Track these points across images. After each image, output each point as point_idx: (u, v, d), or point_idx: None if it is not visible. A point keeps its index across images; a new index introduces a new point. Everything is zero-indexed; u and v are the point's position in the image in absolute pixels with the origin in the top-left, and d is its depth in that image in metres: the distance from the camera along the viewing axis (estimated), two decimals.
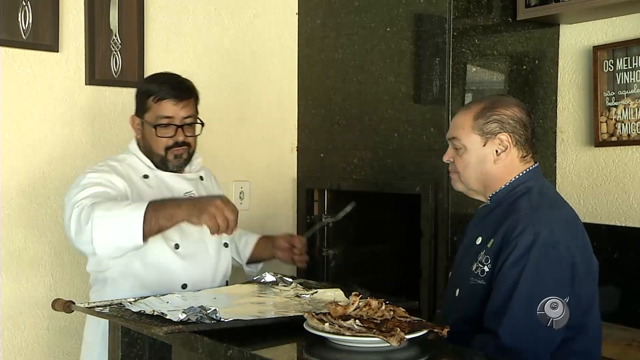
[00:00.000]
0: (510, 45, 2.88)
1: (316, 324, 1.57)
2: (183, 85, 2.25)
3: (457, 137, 1.94)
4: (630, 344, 2.46)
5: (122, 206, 1.98)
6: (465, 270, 1.91)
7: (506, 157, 1.91)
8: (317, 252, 3.27)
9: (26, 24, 2.60)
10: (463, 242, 2.06)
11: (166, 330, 1.62)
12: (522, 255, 1.75)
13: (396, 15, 2.91)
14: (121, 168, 2.23)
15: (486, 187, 1.95)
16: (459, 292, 1.92)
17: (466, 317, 1.86)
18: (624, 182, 2.78)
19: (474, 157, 1.92)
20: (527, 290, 1.74)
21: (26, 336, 2.68)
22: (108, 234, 1.95)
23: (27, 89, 2.66)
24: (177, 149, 2.23)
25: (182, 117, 2.22)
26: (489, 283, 1.81)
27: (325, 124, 3.23)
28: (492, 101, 1.96)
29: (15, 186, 2.64)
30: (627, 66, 2.73)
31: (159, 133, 2.20)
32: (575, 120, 2.94)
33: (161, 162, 2.25)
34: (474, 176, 1.94)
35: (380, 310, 1.63)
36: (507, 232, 1.80)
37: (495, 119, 1.91)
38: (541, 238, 1.76)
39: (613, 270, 2.75)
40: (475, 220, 2.04)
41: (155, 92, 2.21)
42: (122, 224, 1.94)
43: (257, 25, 3.21)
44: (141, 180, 2.23)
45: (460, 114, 1.97)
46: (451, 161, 1.98)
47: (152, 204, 1.96)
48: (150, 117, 2.22)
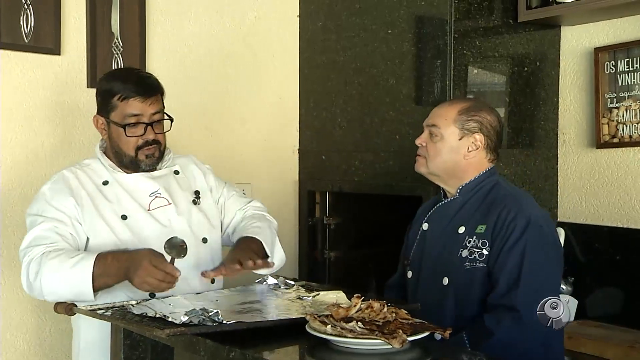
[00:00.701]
0: (512, 47, 2.88)
1: (318, 326, 1.56)
2: (149, 81, 2.17)
3: (436, 125, 2.12)
4: (632, 345, 2.45)
5: (69, 265, 1.94)
6: (451, 259, 2.05)
7: (475, 155, 2.11)
8: (318, 255, 3.27)
9: (28, 27, 2.60)
10: (429, 234, 2.16)
11: (168, 333, 1.62)
12: (520, 236, 1.97)
13: (397, 17, 2.91)
14: (75, 181, 2.15)
15: (451, 177, 2.13)
16: (450, 280, 2.05)
17: (469, 299, 2.01)
18: (625, 184, 2.78)
19: (446, 147, 2.10)
20: (533, 265, 1.95)
21: (28, 339, 2.69)
22: (58, 294, 1.97)
23: (28, 92, 2.66)
24: (147, 148, 2.15)
25: (151, 114, 2.13)
26: (488, 264, 2.00)
27: (327, 126, 3.23)
28: (477, 103, 2.16)
29: (17, 189, 2.64)
30: (628, 68, 2.73)
31: (128, 133, 2.12)
32: (577, 122, 2.94)
33: (131, 163, 2.17)
34: (441, 164, 2.12)
35: (382, 313, 1.63)
36: (500, 218, 2.01)
37: (477, 119, 2.10)
38: (533, 220, 1.99)
39: (615, 272, 2.75)
40: (439, 213, 2.17)
41: (119, 91, 2.12)
42: (71, 287, 1.94)
43: (258, 28, 3.22)
44: (98, 190, 2.15)
45: (446, 106, 2.17)
46: (423, 145, 2.14)
47: (98, 263, 1.93)
48: (116, 116, 2.13)
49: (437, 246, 2.13)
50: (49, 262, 1.97)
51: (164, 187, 2.22)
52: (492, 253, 2.00)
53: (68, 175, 2.17)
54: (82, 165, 2.22)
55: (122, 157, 2.17)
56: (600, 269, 2.80)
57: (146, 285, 1.90)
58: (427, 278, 2.13)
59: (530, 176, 2.91)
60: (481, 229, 2.03)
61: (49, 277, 1.96)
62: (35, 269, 1.98)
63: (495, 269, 1.98)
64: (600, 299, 2.78)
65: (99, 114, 2.19)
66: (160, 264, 1.89)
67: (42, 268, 1.97)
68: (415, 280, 2.18)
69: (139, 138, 2.13)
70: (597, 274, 2.81)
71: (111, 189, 2.17)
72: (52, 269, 1.96)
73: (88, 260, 1.95)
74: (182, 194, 2.25)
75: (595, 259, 2.83)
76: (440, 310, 2.04)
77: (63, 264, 1.96)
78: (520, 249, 1.96)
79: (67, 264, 1.95)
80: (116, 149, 2.17)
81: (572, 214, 2.92)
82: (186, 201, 2.24)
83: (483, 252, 2.01)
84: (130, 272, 1.90)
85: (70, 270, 1.94)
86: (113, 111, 2.14)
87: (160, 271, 1.88)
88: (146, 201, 2.18)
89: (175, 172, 2.27)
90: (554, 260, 2.04)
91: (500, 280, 1.96)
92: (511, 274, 1.95)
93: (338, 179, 3.17)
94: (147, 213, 2.16)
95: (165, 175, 2.24)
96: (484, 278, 2.00)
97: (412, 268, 2.20)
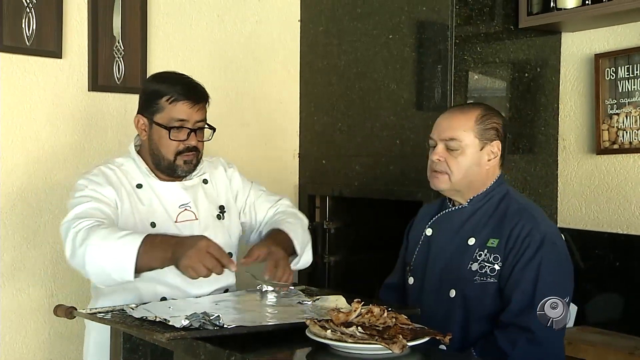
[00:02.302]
0: (512, 52, 2.88)
1: (318, 331, 1.56)
2: (198, 88, 2.16)
3: (456, 138, 1.98)
4: (632, 352, 2.45)
5: (116, 237, 1.88)
6: (460, 271, 1.97)
7: (493, 163, 2.02)
8: (318, 259, 3.26)
9: (30, 31, 2.61)
10: (434, 241, 2.07)
11: (168, 337, 1.62)
12: (534, 254, 1.90)
13: (398, 23, 2.91)
14: (114, 177, 2.13)
15: (469, 189, 2.03)
16: (458, 292, 1.97)
17: (478, 314, 1.94)
18: (625, 190, 2.78)
19: (469, 161, 1.99)
20: (547, 284, 1.88)
21: (27, 342, 2.68)
22: (100, 265, 1.90)
23: (30, 95, 2.66)
24: (187, 154, 2.13)
25: (196, 121, 2.12)
26: (499, 280, 1.93)
27: (328, 130, 3.23)
28: (488, 108, 2.05)
29: (18, 192, 2.64)
30: (628, 74, 2.74)
31: (172, 136, 2.10)
32: (577, 128, 2.94)
33: (168, 168, 2.15)
34: (465, 179, 2.01)
35: (383, 318, 1.63)
36: (513, 233, 1.93)
37: (494, 126, 2.01)
38: (547, 237, 1.93)
39: (615, 278, 2.75)
40: (445, 220, 2.08)
41: (168, 93, 2.10)
42: (114, 258, 1.87)
43: (259, 32, 3.22)
44: (133, 192, 2.14)
45: (459, 116, 2.02)
46: (441, 160, 2.01)
47: (146, 241, 1.86)
48: (162, 118, 2.11)
49: (443, 256, 2.05)
50: (98, 231, 1.91)
51: (192, 198, 2.19)
52: (504, 269, 1.93)
53: (106, 170, 2.14)
54: (116, 164, 2.18)
55: (159, 160, 2.14)
56: (600, 275, 2.80)
57: (191, 271, 1.81)
58: (432, 288, 2.05)
59: (530, 182, 2.91)
60: (493, 242, 1.96)
61: (95, 245, 1.89)
62: (83, 236, 1.91)
63: (507, 286, 1.92)
64: (600, 305, 2.78)
65: (141, 114, 2.16)
66: (217, 252, 1.82)
67: (90, 235, 1.90)
68: (419, 288, 2.10)
69: (180, 143, 2.11)
70: (597, 280, 2.81)
71: (145, 193, 2.15)
72: (100, 236, 1.90)
73: (137, 236, 1.89)
74: (208, 207, 2.22)
75: (595, 265, 2.82)
76: (447, 322, 1.96)
77: (111, 235, 1.90)
78: (535, 266, 1.89)
79: (116, 235, 1.90)
80: (155, 151, 2.14)
81: (572, 220, 2.92)
82: (211, 216, 2.22)
83: (495, 267, 1.93)
84: (179, 252, 1.82)
85: (116, 242, 1.88)
86: (159, 113, 2.11)
87: (213, 259, 1.81)
88: (175, 212, 2.16)
89: (204, 181, 2.25)
90: (568, 277, 1.97)
91: (513, 298, 1.89)
92: (525, 293, 1.88)
93: (338, 184, 3.17)
94: (174, 224, 2.14)
95: (195, 186, 2.22)
96: (494, 293, 1.93)
97: (415, 275, 2.12)
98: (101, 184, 2.10)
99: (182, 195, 2.19)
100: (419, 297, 2.08)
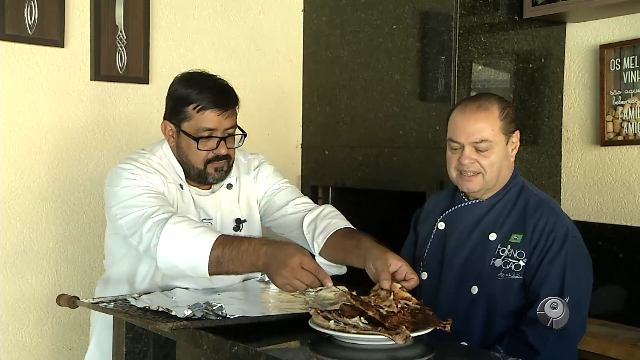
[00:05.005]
0: (517, 43, 2.87)
1: (321, 321, 1.56)
2: (227, 92, 2.04)
3: (486, 139, 1.92)
4: (635, 344, 2.45)
5: (191, 236, 1.80)
6: (482, 267, 1.93)
7: (515, 153, 2.00)
8: None
9: (32, 20, 2.59)
10: (450, 236, 2.01)
11: (171, 326, 1.62)
12: (560, 249, 1.89)
13: (402, 13, 2.90)
14: (160, 167, 2.03)
15: (498, 184, 1.99)
16: (480, 289, 1.93)
17: (501, 311, 1.91)
18: (629, 182, 2.77)
19: (500, 157, 1.95)
20: (574, 279, 1.89)
21: (30, 331, 2.69)
22: (173, 262, 1.82)
23: (32, 84, 2.66)
24: (217, 162, 2.02)
25: (225, 129, 2.00)
26: (525, 276, 1.90)
27: (330, 121, 3.23)
28: (500, 99, 2.00)
29: (20, 181, 2.64)
30: (634, 65, 2.72)
31: (201, 146, 1.99)
32: (581, 119, 2.93)
33: (199, 176, 2.04)
34: (496, 175, 1.96)
35: (389, 300, 1.62)
36: (537, 228, 1.91)
37: (512, 117, 1.98)
38: (570, 231, 1.92)
39: (618, 270, 2.75)
40: (461, 215, 2.01)
41: (196, 100, 1.98)
42: (188, 256, 1.79)
43: (262, 22, 3.21)
44: (176, 191, 2.04)
45: (482, 115, 1.93)
46: (472, 162, 1.94)
47: (225, 244, 1.78)
48: (189, 127, 1.99)
49: (461, 251, 1.99)
50: (173, 226, 1.82)
51: (213, 208, 2.10)
52: (530, 265, 1.90)
53: (154, 164, 2.03)
54: (159, 157, 2.06)
55: (189, 168, 2.04)
56: (604, 267, 2.79)
57: (290, 287, 1.73)
58: (451, 284, 1.99)
59: (533, 173, 2.90)
60: (517, 238, 1.92)
61: (165, 245, 1.80)
62: (156, 229, 1.83)
63: (534, 281, 1.89)
64: (603, 297, 2.77)
65: (168, 120, 2.05)
66: (312, 267, 1.73)
67: (164, 230, 1.81)
68: (435, 285, 2.02)
69: (209, 152, 2.01)
70: (600, 272, 2.78)
71: (184, 194, 2.06)
72: (176, 231, 1.81)
73: (212, 234, 1.80)
74: (227, 216, 2.12)
75: (598, 257, 2.80)
76: (468, 319, 1.93)
77: (187, 229, 1.82)
78: (562, 262, 1.88)
79: (190, 232, 1.81)
80: (184, 159, 2.04)
81: (575, 212, 2.91)
82: (229, 230, 2.11)
83: (520, 263, 1.90)
84: (273, 269, 1.74)
85: (191, 242, 1.79)
86: (186, 121, 2.00)
87: (310, 275, 1.72)
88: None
89: (227, 186, 2.13)
90: (590, 270, 1.97)
91: (541, 294, 1.84)
92: (552, 289, 1.86)
93: (341, 175, 3.17)
94: None
95: (217, 192, 2.12)
96: (518, 290, 1.91)
97: (429, 270, 2.04)
98: (148, 172, 2.00)
99: (207, 209, 2.09)
100: (435, 294, 2.00)
